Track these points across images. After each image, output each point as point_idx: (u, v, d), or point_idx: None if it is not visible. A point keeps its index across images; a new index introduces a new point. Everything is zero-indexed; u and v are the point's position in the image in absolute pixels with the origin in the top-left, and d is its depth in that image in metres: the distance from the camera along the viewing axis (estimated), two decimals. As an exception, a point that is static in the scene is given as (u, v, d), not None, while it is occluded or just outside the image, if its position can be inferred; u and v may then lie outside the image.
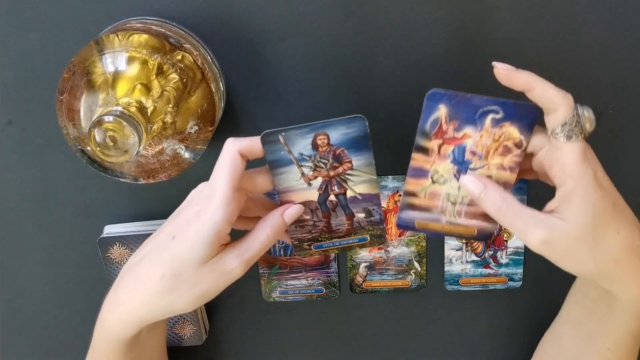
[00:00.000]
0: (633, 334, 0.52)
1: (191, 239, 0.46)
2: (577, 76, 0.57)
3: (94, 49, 0.47)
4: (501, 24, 0.55)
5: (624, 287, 0.48)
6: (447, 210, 0.50)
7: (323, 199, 0.50)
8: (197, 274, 0.47)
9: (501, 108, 0.45)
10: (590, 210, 0.44)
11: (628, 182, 0.61)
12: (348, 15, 0.55)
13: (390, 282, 0.65)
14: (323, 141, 0.47)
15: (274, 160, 0.48)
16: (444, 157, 0.48)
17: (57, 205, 0.62)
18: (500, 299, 0.66)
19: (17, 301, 0.66)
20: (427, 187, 0.49)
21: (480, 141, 0.47)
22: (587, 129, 0.45)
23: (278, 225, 0.49)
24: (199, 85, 0.50)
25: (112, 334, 0.51)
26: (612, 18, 0.55)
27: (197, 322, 0.64)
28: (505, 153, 0.47)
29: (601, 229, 0.45)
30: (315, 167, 0.48)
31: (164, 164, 0.51)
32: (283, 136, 0.47)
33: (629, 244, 0.46)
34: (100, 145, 0.44)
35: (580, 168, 0.44)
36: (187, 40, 0.51)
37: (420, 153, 0.48)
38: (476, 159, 0.48)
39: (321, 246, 0.53)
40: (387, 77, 0.57)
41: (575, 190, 0.44)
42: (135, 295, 0.49)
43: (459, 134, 0.47)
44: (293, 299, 0.66)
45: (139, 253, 0.50)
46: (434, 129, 0.47)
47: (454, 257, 0.64)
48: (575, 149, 0.44)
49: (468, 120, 0.46)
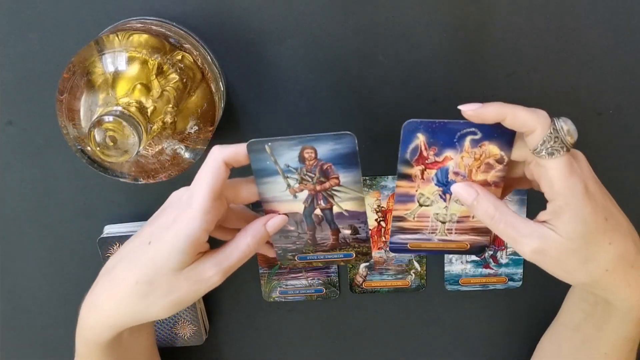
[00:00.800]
0: (630, 339, 0.52)
1: (167, 246, 0.45)
2: (577, 76, 0.57)
3: (94, 49, 0.47)
4: (501, 24, 0.55)
5: (618, 296, 0.48)
6: (437, 229, 0.50)
7: (309, 212, 0.50)
8: (172, 281, 0.46)
9: (479, 129, 0.45)
10: (581, 224, 0.44)
11: (628, 183, 0.61)
12: (348, 15, 0.55)
13: (390, 282, 0.65)
14: (310, 155, 0.46)
15: (259, 169, 0.47)
16: (427, 180, 0.48)
17: (57, 205, 0.62)
18: (500, 299, 0.66)
19: (17, 301, 0.66)
20: (415, 210, 0.49)
21: (461, 162, 0.47)
22: (569, 142, 0.44)
23: (260, 234, 0.48)
24: (199, 85, 0.50)
25: (90, 337, 0.51)
26: (613, 18, 0.55)
27: (197, 322, 0.64)
28: (488, 170, 0.47)
29: (593, 242, 0.45)
30: (302, 179, 0.48)
31: (164, 164, 0.51)
32: (270, 146, 0.46)
33: (622, 253, 0.46)
34: (100, 145, 0.44)
35: (568, 184, 0.44)
36: (187, 40, 0.51)
37: (404, 180, 0.48)
38: (460, 179, 0.48)
39: (305, 258, 0.52)
40: (387, 77, 0.57)
41: (565, 206, 0.44)
42: (110, 298, 0.48)
43: (440, 158, 0.47)
44: (293, 299, 0.66)
45: (117, 256, 0.50)
46: (414, 156, 0.47)
47: (454, 257, 0.64)
48: (560, 165, 0.44)
49: (447, 144, 0.46)
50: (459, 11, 0.55)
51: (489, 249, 0.63)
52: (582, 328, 0.55)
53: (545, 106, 0.58)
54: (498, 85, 0.57)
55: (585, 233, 0.44)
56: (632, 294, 0.48)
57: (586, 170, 0.46)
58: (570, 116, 0.58)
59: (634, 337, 0.52)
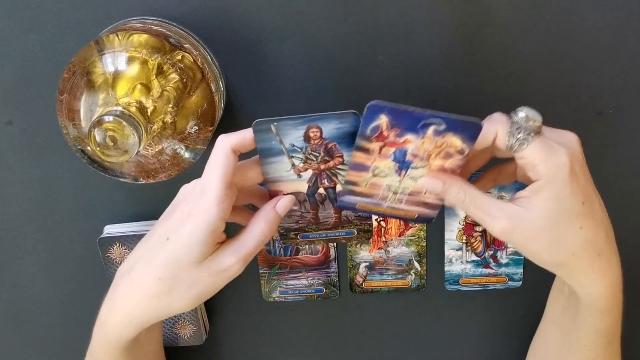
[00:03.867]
0: (602, 332, 0.52)
1: (187, 239, 0.46)
2: (577, 76, 0.57)
3: (94, 49, 0.47)
4: (501, 24, 0.55)
5: (582, 283, 0.49)
6: (388, 197, 0.50)
7: (312, 191, 0.50)
8: (194, 274, 0.47)
9: (444, 121, 0.45)
10: (556, 203, 0.45)
11: (628, 182, 0.61)
12: (348, 15, 0.55)
13: (390, 282, 0.65)
14: (315, 134, 0.47)
15: (264, 149, 0.47)
16: (385, 156, 0.47)
17: (57, 205, 0.62)
18: (500, 299, 0.66)
19: (17, 301, 0.66)
20: (368, 179, 0.49)
21: (422, 146, 0.46)
22: (533, 127, 0.44)
23: (272, 218, 0.48)
24: (199, 85, 0.50)
25: (111, 337, 0.51)
26: (612, 18, 0.55)
27: (197, 322, 0.64)
28: (447, 157, 0.47)
29: (564, 223, 0.45)
30: (306, 159, 0.48)
31: (164, 164, 0.51)
32: (275, 126, 0.46)
33: (591, 240, 0.47)
34: (100, 145, 0.44)
35: (551, 163, 0.44)
36: (187, 40, 0.51)
37: (361, 152, 0.47)
38: (417, 160, 0.47)
39: (307, 236, 0.53)
40: (387, 77, 0.57)
41: (546, 184, 0.45)
42: (132, 299, 0.49)
43: (401, 140, 0.46)
44: (293, 299, 0.66)
45: (133, 256, 0.50)
46: (374, 133, 0.46)
47: (454, 257, 0.64)
48: (535, 149, 0.44)
49: (410, 129, 0.45)
50: (459, 11, 0.55)
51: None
52: (561, 322, 0.56)
53: (545, 106, 0.58)
54: (498, 85, 0.57)
55: (559, 212, 0.45)
56: (596, 281, 0.48)
57: (576, 152, 0.46)
58: (570, 116, 0.58)
59: (607, 329, 0.51)
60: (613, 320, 0.51)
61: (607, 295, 0.49)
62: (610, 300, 0.49)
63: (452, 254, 0.64)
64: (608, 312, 0.50)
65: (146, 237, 0.50)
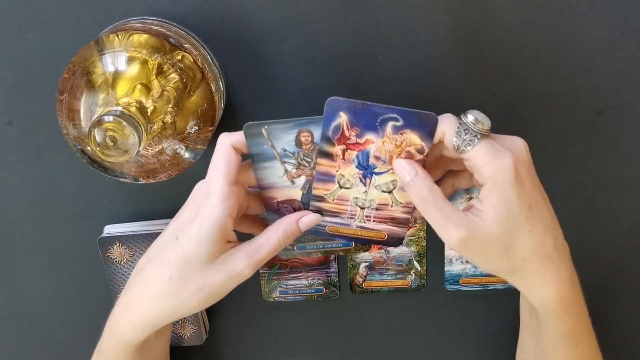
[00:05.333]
0: (565, 334, 0.51)
1: (195, 238, 0.46)
2: (577, 76, 0.57)
3: (94, 49, 0.47)
4: (501, 24, 0.55)
5: (533, 289, 0.49)
6: (356, 215, 0.50)
7: (307, 198, 0.49)
8: (205, 274, 0.47)
9: (400, 116, 0.45)
10: (505, 208, 0.45)
11: (628, 182, 0.61)
12: (348, 15, 0.55)
13: (390, 282, 0.65)
14: (307, 138, 0.46)
15: (256, 153, 0.47)
16: (348, 162, 0.47)
17: (57, 205, 0.62)
18: (500, 299, 0.66)
19: (17, 301, 0.66)
20: (335, 192, 0.49)
21: (382, 147, 0.47)
22: (481, 129, 0.45)
23: (292, 230, 0.48)
24: (199, 85, 0.50)
25: (122, 338, 0.51)
26: (612, 18, 0.55)
27: (197, 322, 0.64)
28: (408, 158, 0.47)
29: (514, 228, 0.45)
30: (299, 165, 0.48)
31: (164, 164, 0.51)
32: (266, 129, 0.46)
33: (540, 243, 0.46)
34: (100, 145, 0.44)
35: (495, 166, 0.45)
36: (187, 40, 0.51)
37: (325, 158, 0.47)
38: (380, 164, 0.47)
39: (304, 247, 0.52)
40: (387, 77, 0.57)
41: (493, 188, 0.45)
42: (145, 298, 0.49)
43: (362, 140, 0.46)
44: (293, 299, 0.66)
45: (145, 256, 0.51)
46: (336, 135, 0.46)
47: (454, 257, 0.64)
48: (480, 151, 0.45)
49: (369, 127, 0.46)
50: (459, 11, 0.55)
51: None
52: (530, 327, 0.56)
53: (545, 106, 0.58)
54: (498, 85, 0.57)
55: (509, 217, 0.45)
56: (546, 284, 0.48)
57: (522, 157, 0.46)
58: (570, 116, 0.58)
59: (570, 332, 0.51)
60: (574, 322, 0.51)
61: (558, 299, 0.48)
62: (565, 304, 0.49)
63: (452, 254, 0.64)
64: (564, 315, 0.49)
65: (158, 237, 0.51)
